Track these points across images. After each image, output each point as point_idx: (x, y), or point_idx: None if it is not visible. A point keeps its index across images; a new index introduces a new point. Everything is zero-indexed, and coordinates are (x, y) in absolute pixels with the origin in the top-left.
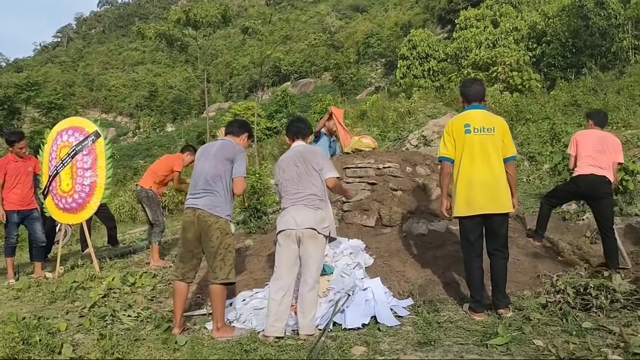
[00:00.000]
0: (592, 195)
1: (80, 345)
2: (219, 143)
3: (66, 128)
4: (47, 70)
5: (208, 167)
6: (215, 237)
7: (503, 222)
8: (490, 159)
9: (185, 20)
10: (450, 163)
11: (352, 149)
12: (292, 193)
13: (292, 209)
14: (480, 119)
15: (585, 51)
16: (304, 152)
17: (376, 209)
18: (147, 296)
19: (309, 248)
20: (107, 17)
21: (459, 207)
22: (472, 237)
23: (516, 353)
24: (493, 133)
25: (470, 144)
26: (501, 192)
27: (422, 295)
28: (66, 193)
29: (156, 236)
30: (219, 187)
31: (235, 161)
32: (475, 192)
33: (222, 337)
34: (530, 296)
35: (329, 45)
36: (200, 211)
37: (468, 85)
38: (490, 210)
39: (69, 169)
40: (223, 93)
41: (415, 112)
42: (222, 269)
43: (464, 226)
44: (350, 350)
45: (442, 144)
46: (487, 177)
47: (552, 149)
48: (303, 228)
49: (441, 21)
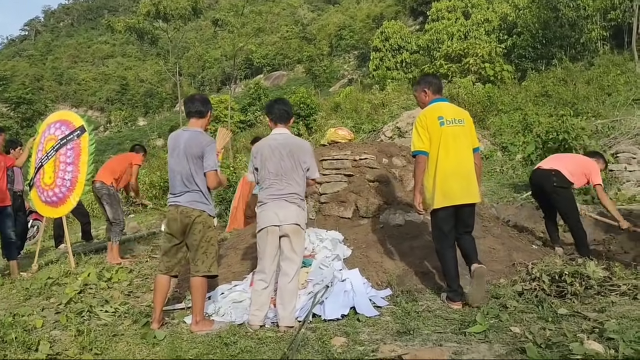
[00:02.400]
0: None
1: (57, 342)
2: (186, 137)
3: (55, 121)
4: (15, 64)
5: (180, 167)
6: (197, 230)
7: (472, 211)
8: (463, 150)
9: (155, 13)
10: (425, 156)
11: (329, 140)
12: (274, 188)
13: (274, 204)
14: (451, 111)
15: (555, 42)
16: (292, 146)
17: (353, 201)
18: (123, 291)
19: (292, 243)
20: (76, 10)
21: (438, 199)
22: (446, 228)
23: (494, 340)
24: (463, 124)
25: (445, 135)
26: (473, 183)
27: (400, 285)
28: (48, 186)
29: (116, 235)
30: (195, 186)
31: (205, 155)
32: (451, 183)
33: (201, 330)
34: (507, 284)
35: (301, 37)
36: (183, 207)
37: (431, 78)
38: (465, 201)
39: (52, 162)
40: (195, 86)
41: (389, 104)
42: (204, 262)
43: (438, 218)
44: (331, 341)
45: (417, 137)
46: (461, 168)
47: (525, 139)
48: (287, 224)
49: (413, 13)
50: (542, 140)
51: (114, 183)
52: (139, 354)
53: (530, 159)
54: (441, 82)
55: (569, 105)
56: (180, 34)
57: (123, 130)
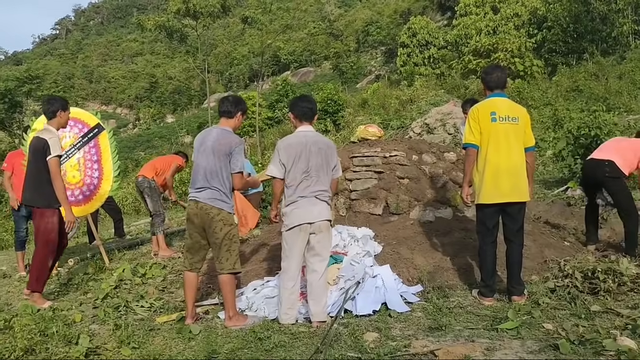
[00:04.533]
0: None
1: (96, 335)
2: (215, 134)
3: None
4: (47, 62)
5: (205, 162)
6: (219, 228)
7: (521, 210)
8: (513, 148)
9: (184, 10)
10: (476, 149)
11: (359, 137)
12: (304, 186)
13: (306, 202)
14: (506, 107)
15: (586, 36)
16: (321, 144)
17: (383, 197)
18: (158, 287)
19: (323, 238)
20: (105, 9)
21: (485, 194)
22: (490, 224)
23: (526, 336)
24: (517, 122)
25: (496, 132)
26: (522, 181)
27: (431, 281)
28: (73, 185)
29: (159, 226)
30: (217, 183)
31: (232, 155)
32: (501, 180)
33: (235, 325)
34: (539, 281)
35: (328, 34)
36: (203, 204)
37: (490, 72)
38: (513, 199)
39: (74, 161)
40: (223, 83)
41: (417, 100)
42: (228, 259)
43: (483, 213)
44: (363, 337)
45: (468, 130)
46: (511, 166)
47: (555, 135)
48: (319, 220)
49: (441, 8)
50: (574, 136)
51: (155, 177)
52: (175, 348)
53: (561, 155)
54: (500, 75)
55: (600, 101)
56: (209, 31)
57: (152, 127)
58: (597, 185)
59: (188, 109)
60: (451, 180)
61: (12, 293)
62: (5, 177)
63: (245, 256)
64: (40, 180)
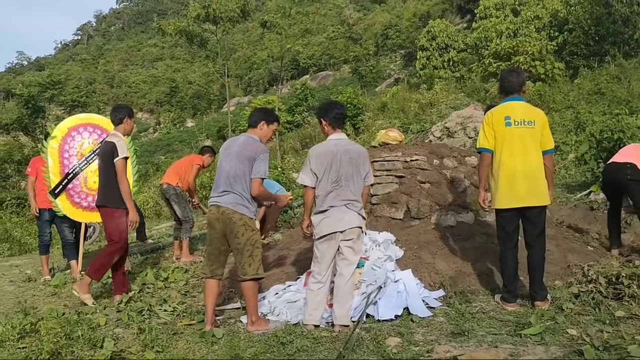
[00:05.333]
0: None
1: (120, 339)
2: (241, 140)
3: (83, 124)
4: (69, 68)
5: (229, 167)
6: (240, 233)
7: (540, 214)
8: (529, 152)
9: (204, 16)
10: (490, 154)
11: (379, 142)
12: (334, 196)
13: (337, 210)
14: (521, 111)
15: (608, 39)
16: (352, 152)
17: (404, 202)
18: (180, 291)
19: (354, 245)
20: (126, 14)
21: (501, 199)
22: (510, 229)
23: (550, 342)
24: (533, 126)
25: (511, 136)
26: (540, 185)
27: (453, 286)
28: (94, 191)
29: (186, 232)
30: (239, 188)
31: (256, 161)
32: (517, 185)
33: (257, 330)
34: (562, 286)
35: (347, 37)
36: (224, 208)
37: (505, 76)
38: (530, 203)
39: (95, 167)
40: (242, 87)
41: (437, 104)
42: (251, 265)
43: (502, 218)
44: (385, 341)
45: (482, 134)
46: (527, 169)
47: (577, 138)
48: (349, 228)
49: (460, 11)
50: (597, 140)
51: (180, 183)
52: (198, 352)
53: (584, 159)
54: (515, 79)
55: (623, 104)
56: (229, 36)
57: (172, 131)
58: (619, 189)
59: (207, 113)
60: (472, 184)
61: (37, 297)
62: (29, 182)
63: (266, 260)
64: (109, 182)
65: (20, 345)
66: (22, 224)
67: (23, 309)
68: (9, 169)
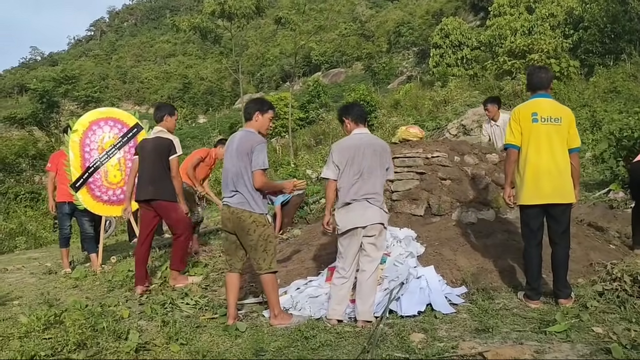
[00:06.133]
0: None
1: (144, 331)
2: (238, 136)
3: (104, 118)
4: (82, 63)
5: (230, 165)
6: (252, 230)
7: (565, 212)
8: (555, 149)
9: (219, 12)
10: (516, 150)
11: (400, 138)
12: (356, 189)
13: (358, 205)
14: (548, 108)
15: (624, 36)
16: (376, 146)
17: (425, 198)
18: (201, 285)
19: (376, 242)
20: (139, 10)
21: (526, 195)
22: (534, 226)
23: (576, 340)
24: (560, 123)
25: (537, 133)
26: (565, 183)
27: (475, 283)
28: (115, 185)
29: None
30: (242, 186)
31: (253, 153)
32: (542, 182)
33: (280, 324)
34: (586, 284)
35: (359, 34)
36: (234, 208)
37: (533, 72)
38: (555, 200)
39: (115, 161)
40: (254, 84)
41: (451, 101)
42: (265, 259)
43: (526, 215)
44: (409, 337)
45: (509, 131)
46: (553, 167)
47: (594, 137)
48: (371, 224)
49: (473, 8)
50: (616, 138)
51: (188, 181)
52: (222, 345)
53: (602, 157)
54: (547, 76)
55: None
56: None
57: (184, 127)
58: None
59: (220, 109)
60: (493, 181)
61: (59, 289)
62: (49, 177)
63: (286, 256)
64: (164, 176)
65: (45, 336)
66: (36, 217)
67: (46, 300)
68: (22, 163)
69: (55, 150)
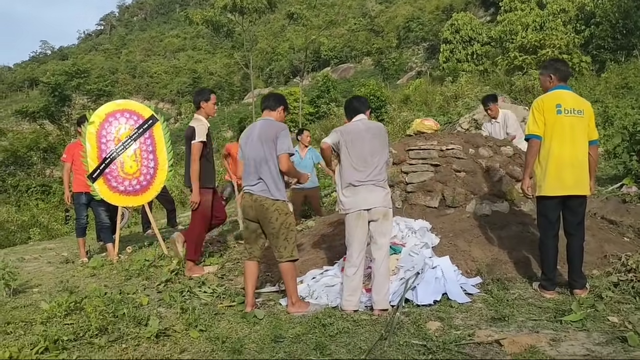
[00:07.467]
0: None
1: (164, 318)
2: (259, 124)
3: (120, 110)
4: (91, 57)
5: (254, 153)
6: (274, 218)
7: (582, 204)
8: (578, 141)
9: (232, 6)
10: (539, 141)
11: (415, 131)
12: (360, 171)
13: (363, 188)
14: (571, 100)
15: (636, 32)
16: (374, 129)
17: (439, 190)
18: (217, 274)
19: (382, 226)
20: (149, 5)
21: (548, 186)
22: (553, 217)
23: (592, 329)
24: (582, 115)
25: (561, 124)
26: (585, 175)
27: (490, 273)
28: (130, 175)
29: None
30: (266, 172)
31: (278, 139)
32: (564, 173)
33: (297, 311)
34: (600, 275)
35: (369, 30)
36: (257, 196)
37: (560, 64)
38: (576, 192)
39: (131, 152)
40: (263, 79)
41: (462, 96)
42: (286, 247)
43: (544, 206)
44: (426, 325)
45: (532, 120)
46: (575, 158)
47: (606, 132)
48: (376, 207)
49: (484, 4)
50: (629, 133)
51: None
52: (241, 332)
53: (615, 152)
54: (569, 69)
55: None
56: (254, 27)
57: None
58: None
59: (229, 104)
60: (508, 174)
61: (77, 277)
62: (65, 168)
63: (301, 246)
64: (189, 163)
65: (67, 322)
66: (48, 210)
67: (66, 287)
68: (34, 156)
69: (67, 142)
